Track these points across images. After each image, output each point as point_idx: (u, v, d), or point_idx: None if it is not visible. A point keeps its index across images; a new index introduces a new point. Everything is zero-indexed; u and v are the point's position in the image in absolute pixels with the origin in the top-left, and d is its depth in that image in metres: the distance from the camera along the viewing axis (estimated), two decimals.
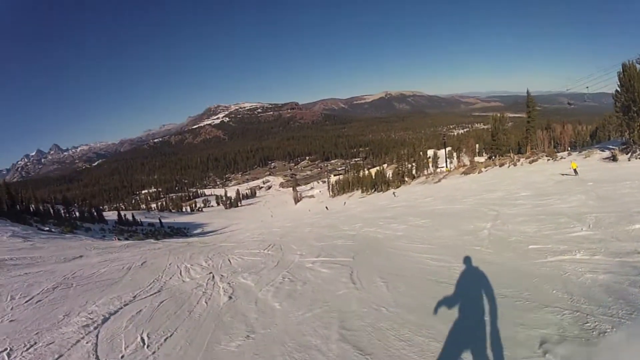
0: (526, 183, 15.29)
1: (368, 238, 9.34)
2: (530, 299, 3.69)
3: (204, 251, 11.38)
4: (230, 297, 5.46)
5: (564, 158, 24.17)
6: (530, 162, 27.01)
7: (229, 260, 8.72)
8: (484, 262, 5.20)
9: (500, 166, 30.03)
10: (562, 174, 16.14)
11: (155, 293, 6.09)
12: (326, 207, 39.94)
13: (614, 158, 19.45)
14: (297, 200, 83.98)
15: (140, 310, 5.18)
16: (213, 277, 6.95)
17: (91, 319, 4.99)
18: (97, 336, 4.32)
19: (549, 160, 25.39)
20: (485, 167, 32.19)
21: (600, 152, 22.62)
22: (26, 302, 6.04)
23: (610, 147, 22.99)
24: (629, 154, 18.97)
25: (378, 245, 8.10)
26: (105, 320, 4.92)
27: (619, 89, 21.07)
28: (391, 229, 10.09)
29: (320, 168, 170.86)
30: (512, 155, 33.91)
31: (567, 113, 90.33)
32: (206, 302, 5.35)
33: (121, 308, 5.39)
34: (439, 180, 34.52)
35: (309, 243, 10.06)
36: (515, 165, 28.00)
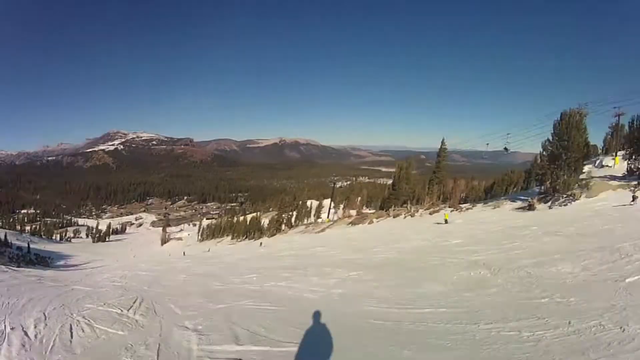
0: (440, 232, 14.09)
1: (292, 299, 6.12)
2: None
3: (46, 297, 7.37)
4: None
5: (471, 209, 24.36)
6: (430, 213, 26.04)
7: (70, 330, 4.84)
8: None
9: (394, 217, 28.26)
10: (436, 223, 16.22)
11: None
12: (183, 253, 37.23)
13: (530, 207, 19.22)
14: (164, 241, 76.68)
15: None
16: None
17: None
18: None
19: (452, 211, 24.76)
20: (377, 218, 30.03)
21: (511, 202, 22.54)
22: None
23: (522, 197, 23.23)
24: (549, 202, 19.52)
25: (333, 312, 4.81)
26: None
27: (550, 138, 21.70)
28: (319, 285, 7.04)
29: (195, 210, 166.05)
30: (409, 206, 31.64)
31: (459, 170, 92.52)
32: None
33: None
34: (323, 230, 31.68)
35: (196, 302, 6.60)
36: (412, 216, 26.70)
